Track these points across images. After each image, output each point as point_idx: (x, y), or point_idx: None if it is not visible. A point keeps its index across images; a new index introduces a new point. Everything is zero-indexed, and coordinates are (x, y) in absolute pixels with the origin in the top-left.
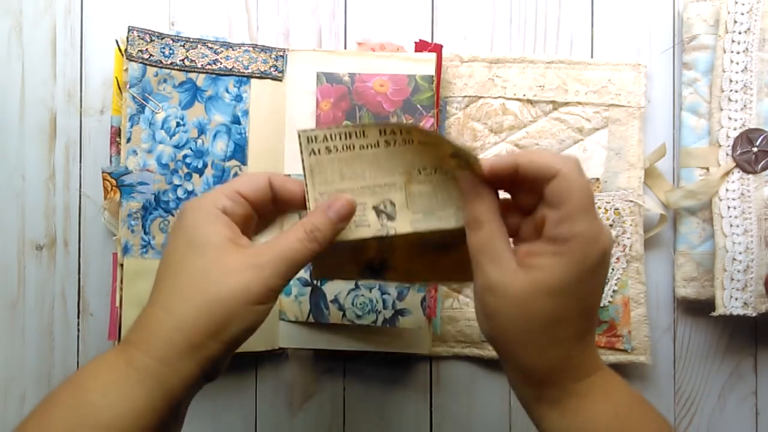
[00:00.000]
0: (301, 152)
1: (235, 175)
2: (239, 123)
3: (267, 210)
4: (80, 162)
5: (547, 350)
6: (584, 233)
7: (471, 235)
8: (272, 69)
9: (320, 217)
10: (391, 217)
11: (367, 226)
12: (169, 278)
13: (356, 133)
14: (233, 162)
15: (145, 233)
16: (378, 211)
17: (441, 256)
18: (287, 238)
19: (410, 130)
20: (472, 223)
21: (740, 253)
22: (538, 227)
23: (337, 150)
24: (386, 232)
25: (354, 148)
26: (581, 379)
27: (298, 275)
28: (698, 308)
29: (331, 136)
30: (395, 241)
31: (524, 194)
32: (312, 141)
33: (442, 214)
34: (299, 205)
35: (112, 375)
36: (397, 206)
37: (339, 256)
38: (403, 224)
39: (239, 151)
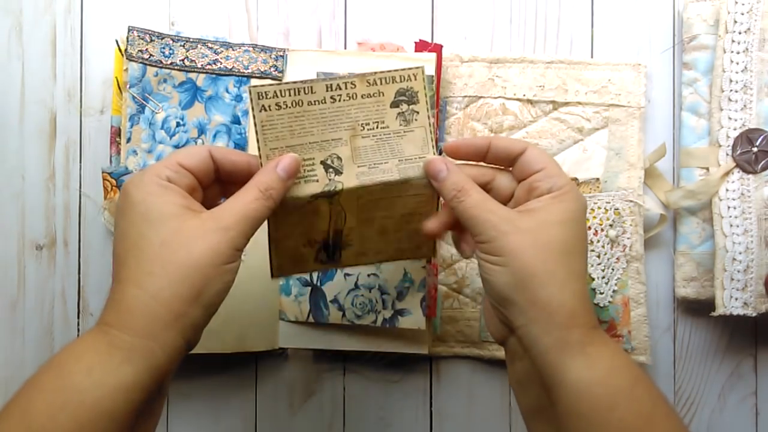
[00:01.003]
0: (252, 109)
1: None
2: (239, 123)
3: (210, 184)
4: (80, 162)
5: (567, 284)
6: (570, 184)
7: (462, 203)
8: (272, 69)
9: (271, 175)
10: (338, 172)
11: (315, 182)
12: (133, 255)
13: (305, 89)
14: None
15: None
16: (326, 166)
17: (396, 231)
18: (244, 198)
19: (354, 83)
20: (460, 193)
21: (740, 253)
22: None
23: (286, 106)
24: (333, 186)
25: (303, 104)
26: (597, 327)
27: (298, 275)
28: (698, 308)
29: (281, 92)
30: (347, 207)
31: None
32: (263, 97)
33: (386, 167)
34: (242, 176)
35: (95, 356)
36: (343, 161)
37: (294, 235)
38: (349, 178)
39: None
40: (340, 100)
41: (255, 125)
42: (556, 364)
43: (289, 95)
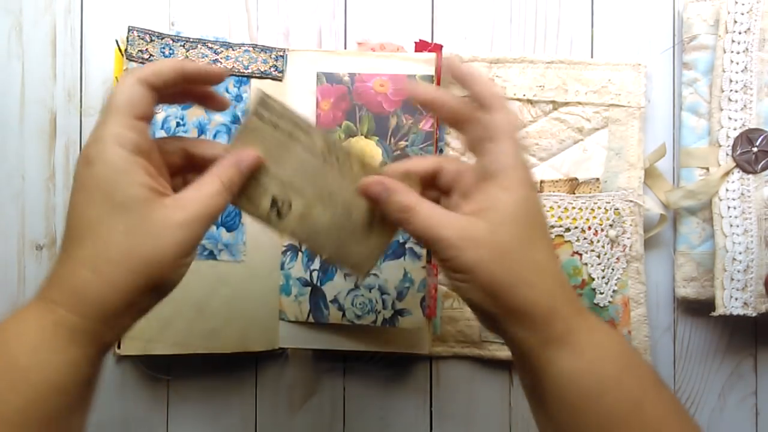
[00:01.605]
0: (250, 110)
1: None
2: (239, 122)
3: (171, 94)
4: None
5: (536, 283)
6: (515, 164)
7: (411, 224)
8: (272, 69)
9: (234, 170)
10: (280, 216)
11: (255, 206)
12: (91, 237)
13: (303, 128)
14: None
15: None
16: (273, 203)
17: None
18: (207, 191)
19: (350, 159)
20: (406, 213)
21: (740, 253)
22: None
23: (279, 130)
24: (268, 223)
25: (293, 138)
26: (579, 314)
27: (298, 275)
28: (698, 308)
29: (283, 114)
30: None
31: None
32: (265, 107)
33: (320, 242)
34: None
35: (39, 335)
36: (291, 213)
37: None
38: (284, 231)
39: None
40: (324, 160)
41: (242, 124)
42: (542, 359)
43: (288, 123)
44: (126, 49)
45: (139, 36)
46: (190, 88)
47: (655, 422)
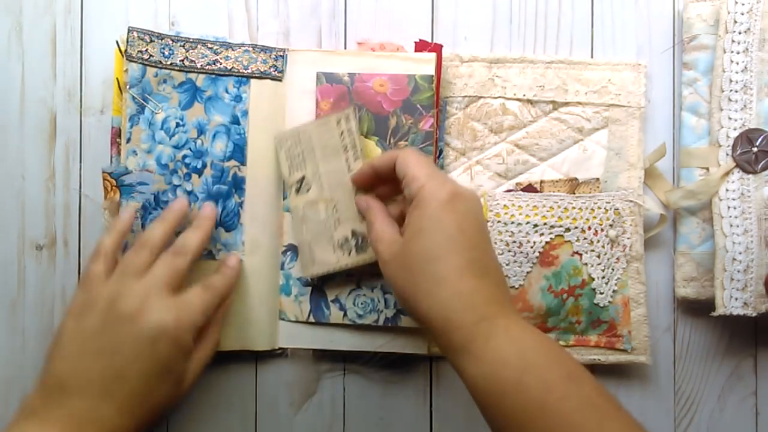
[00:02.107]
0: (346, 111)
1: (234, 175)
2: (238, 123)
3: None
4: (80, 162)
5: (432, 295)
6: (424, 186)
7: (370, 237)
8: (272, 69)
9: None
10: (298, 192)
11: (290, 172)
12: (141, 391)
13: (357, 151)
14: (232, 162)
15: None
16: (301, 180)
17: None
18: (212, 344)
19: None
20: (368, 225)
21: (740, 253)
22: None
23: (344, 139)
24: (287, 189)
25: (346, 151)
26: (482, 322)
27: (297, 275)
28: (698, 308)
29: (353, 132)
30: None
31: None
32: (348, 119)
33: (301, 228)
34: None
35: None
36: (306, 195)
37: None
38: (291, 202)
39: (238, 152)
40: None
41: (331, 114)
42: (453, 364)
43: (351, 140)
44: (126, 50)
45: (139, 36)
46: None
47: (563, 419)
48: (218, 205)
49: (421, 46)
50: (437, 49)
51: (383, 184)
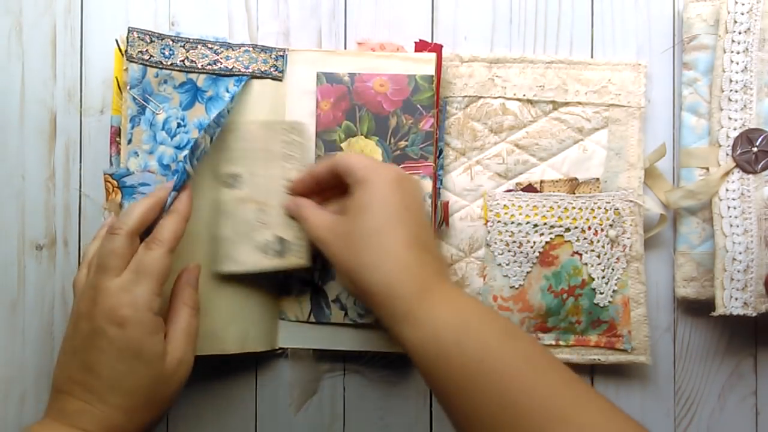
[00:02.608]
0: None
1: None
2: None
3: None
4: (80, 162)
5: (375, 268)
6: (366, 174)
7: (305, 228)
8: (272, 69)
9: (191, 289)
10: (230, 187)
11: (223, 168)
12: (123, 387)
13: (301, 161)
14: None
15: (146, 234)
16: (233, 176)
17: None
18: (184, 321)
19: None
20: (302, 220)
21: (740, 253)
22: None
23: (286, 150)
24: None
25: (286, 159)
26: (423, 292)
27: (299, 275)
28: (698, 308)
29: (299, 145)
30: None
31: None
32: (294, 131)
33: (226, 223)
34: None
35: None
36: (235, 193)
37: None
38: (222, 196)
39: None
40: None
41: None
42: (395, 334)
43: (298, 152)
44: (126, 50)
45: (139, 37)
46: None
47: (502, 374)
48: None
49: (421, 46)
50: (437, 49)
51: (319, 194)
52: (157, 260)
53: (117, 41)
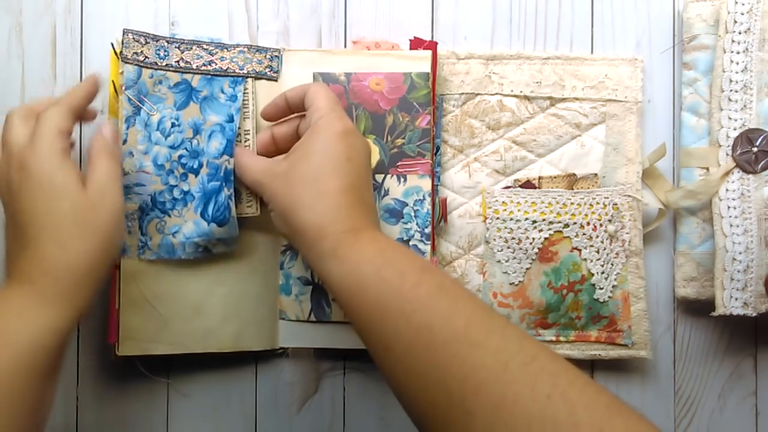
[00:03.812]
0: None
1: (227, 170)
2: (232, 121)
3: None
4: (80, 162)
5: (313, 205)
6: (326, 114)
7: (238, 172)
8: (267, 69)
9: (104, 142)
10: None
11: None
12: (50, 222)
13: None
14: (224, 158)
15: (142, 234)
16: None
17: None
18: (108, 166)
19: None
20: (237, 166)
21: (740, 253)
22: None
23: None
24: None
25: None
26: (350, 232)
27: (299, 274)
28: (698, 308)
29: None
30: None
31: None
32: None
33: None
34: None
35: (24, 302)
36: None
37: None
38: None
39: (230, 147)
40: None
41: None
42: (320, 271)
43: None
44: (121, 52)
45: (134, 38)
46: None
47: (418, 302)
48: (210, 202)
49: (416, 43)
50: (432, 46)
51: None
52: (55, 111)
53: (112, 44)
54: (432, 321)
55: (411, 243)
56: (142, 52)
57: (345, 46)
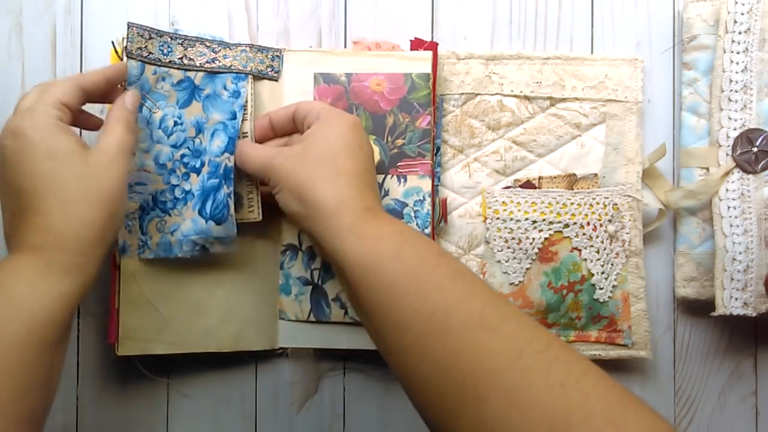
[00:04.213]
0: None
1: (226, 167)
2: (235, 118)
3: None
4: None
5: (332, 182)
6: (333, 111)
7: (241, 160)
8: (269, 69)
9: (126, 111)
10: None
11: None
12: (50, 189)
13: None
14: (225, 155)
15: (143, 233)
16: None
17: None
18: (119, 134)
19: None
20: (240, 158)
21: (740, 253)
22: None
23: None
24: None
25: None
26: (369, 210)
27: (299, 274)
28: (698, 308)
29: None
30: None
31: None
32: None
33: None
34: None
35: (33, 272)
36: None
37: None
38: None
39: (231, 144)
40: None
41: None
42: (336, 248)
43: None
44: (126, 46)
45: (138, 33)
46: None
47: (434, 285)
48: (209, 199)
49: (416, 44)
50: (433, 47)
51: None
52: (60, 83)
53: (113, 43)
54: (449, 303)
55: None
56: (146, 47)
57: (345, 47)
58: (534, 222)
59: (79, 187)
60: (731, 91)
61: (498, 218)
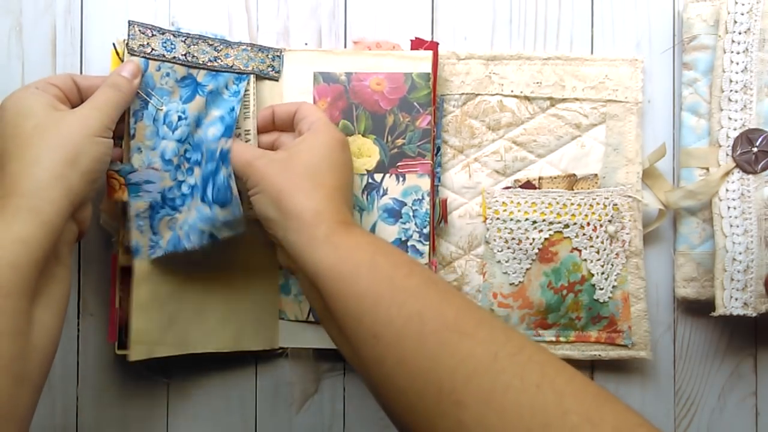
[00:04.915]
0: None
1: (223, 150)
2: (233, 111)
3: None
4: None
5: (312, 194)
6: (325, 123)
7: (231, 159)
8: (269, 69)
9: (117, 76)
10: None
11: None
12: (12, 142)
13: None
14: (222, 140)
15: (154, 233)
16: None
17: None
18: (103, 91)
19: None
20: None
21: (740, 254)
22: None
23: None
24: None
25: None
26: (344, 224)
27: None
28: (698, 308)
29: None
30: None
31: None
32: None
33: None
34: None
35: None
36: None
37: None
38: None
39: (229, 131)
40: None
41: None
42: (310, 258)
43: None
44: (127, 44)
45: (140, 31)
46: None
47: (409, 292)
48: (209, 184)
49: (417, 44)
50: (433, 47)
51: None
52: (59, 74)
53: (114, 44)
54: (423, 310)
55: (409, 243)
56: (148, 44)
57: (345, 46)
58: (534, 222)
59: (37, 135)
60: (731, 91)
61: (498, 218)
